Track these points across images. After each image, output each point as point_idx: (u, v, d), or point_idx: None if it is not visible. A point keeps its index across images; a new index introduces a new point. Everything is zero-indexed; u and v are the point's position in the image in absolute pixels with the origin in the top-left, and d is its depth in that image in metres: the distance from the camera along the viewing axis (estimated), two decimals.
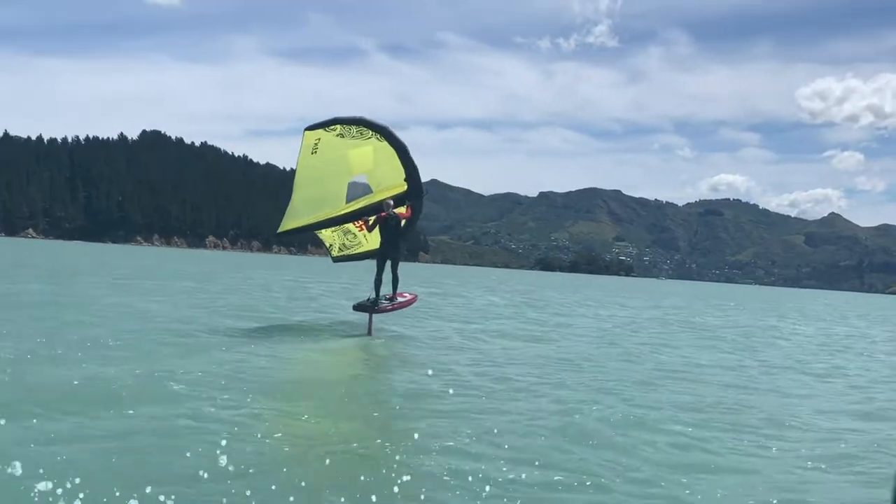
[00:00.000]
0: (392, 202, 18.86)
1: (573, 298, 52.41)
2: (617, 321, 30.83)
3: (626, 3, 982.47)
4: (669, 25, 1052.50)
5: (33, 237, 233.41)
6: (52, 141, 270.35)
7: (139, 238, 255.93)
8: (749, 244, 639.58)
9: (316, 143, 18.89)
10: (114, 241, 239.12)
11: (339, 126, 18.86)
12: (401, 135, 19.16)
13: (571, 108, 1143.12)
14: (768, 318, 43.76)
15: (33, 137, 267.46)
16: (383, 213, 18.77)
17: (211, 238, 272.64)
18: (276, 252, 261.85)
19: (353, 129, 18.90)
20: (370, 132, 18.91)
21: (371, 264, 19.89)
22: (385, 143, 18.96)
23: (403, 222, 19.28)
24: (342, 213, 19.52)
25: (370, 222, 19.18)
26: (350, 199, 19.54)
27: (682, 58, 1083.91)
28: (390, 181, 19.31)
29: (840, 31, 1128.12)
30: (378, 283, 19.12)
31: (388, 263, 19.31)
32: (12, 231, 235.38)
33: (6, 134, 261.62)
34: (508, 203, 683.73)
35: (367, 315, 18.93)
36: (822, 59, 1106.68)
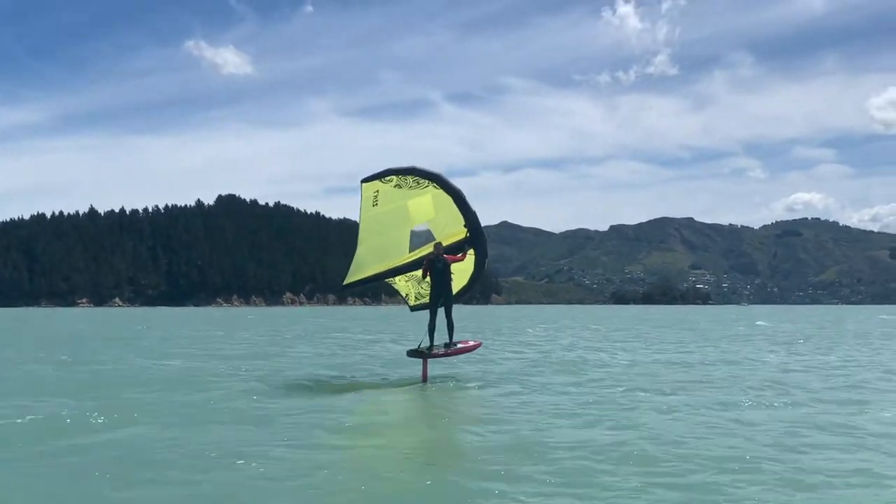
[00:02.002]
0: (442, 244, 18.73)
1: None
2: None
3: (684, 30, 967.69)
4: (731, 48, 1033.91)
5: (120, 305, 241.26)
6: (134, 212, 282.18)
7: (219, 299, 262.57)
8: (832, 263, 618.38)
9: (375, 195, 18.96)
10: (195, 305, 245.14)
11: (394, 177, 18.84)
12: (457, 181, 19.01)
13: (637, 139, 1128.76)
14: None
15: (116, 210, 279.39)
16: (430, 256, 18.59)
17: (288, 294, 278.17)
18: (350, 304, 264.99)
19: (409, 178, 18.84)
20: (426, 181, 18.83)
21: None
22: (441, 191, 18.85)
23: (471, 270, 19.40)
24: (406, 261, 19.53)
25: (422, 268, 18.90)
26: (413, 247, 19.54)
27: (746, 79, 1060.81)
28: (451, 228, 19.16)
29: None
30: (431, 329, 18.80)
31: (443, 310, 18.87)
32: (100, 301, 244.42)
33: (91, 209, 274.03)
34: (579, 239, 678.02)
35: (420, 361, 18.98)
36: (892, 68, 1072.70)
